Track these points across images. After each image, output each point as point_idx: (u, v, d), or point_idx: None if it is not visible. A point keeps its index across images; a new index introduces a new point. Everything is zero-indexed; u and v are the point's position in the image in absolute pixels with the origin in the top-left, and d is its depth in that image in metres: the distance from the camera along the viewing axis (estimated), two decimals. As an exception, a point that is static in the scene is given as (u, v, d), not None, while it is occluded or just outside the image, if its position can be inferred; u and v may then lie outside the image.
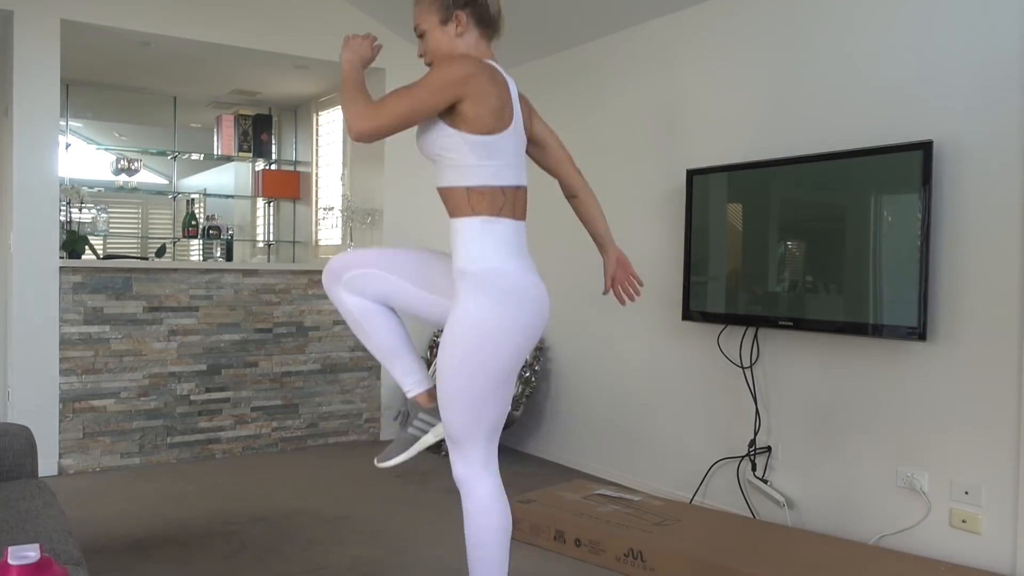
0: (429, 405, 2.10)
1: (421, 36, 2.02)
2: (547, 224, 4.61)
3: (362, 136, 1.82)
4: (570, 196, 2.26)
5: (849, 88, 3.16)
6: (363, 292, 2.06)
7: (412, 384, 2.13)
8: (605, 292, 2.27)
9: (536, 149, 2.20)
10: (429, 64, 2.01)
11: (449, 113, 1.87)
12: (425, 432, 2.10)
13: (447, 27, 1.97)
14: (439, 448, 4.03)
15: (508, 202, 1.92)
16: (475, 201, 1.90)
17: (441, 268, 2.04)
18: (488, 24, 2.00)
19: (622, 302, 2.25)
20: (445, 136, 1.89)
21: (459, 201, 1.92)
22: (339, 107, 5.92)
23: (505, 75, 1.96)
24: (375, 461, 2.14)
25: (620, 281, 2.24)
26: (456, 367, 1.89)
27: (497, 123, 1.88)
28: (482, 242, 1.90)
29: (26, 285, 4.12)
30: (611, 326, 4.22)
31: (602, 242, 2.27)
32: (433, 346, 4.82)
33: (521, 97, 2.04)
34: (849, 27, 3.16)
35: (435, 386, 2.05)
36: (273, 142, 6.45)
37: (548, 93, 4.65)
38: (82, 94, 5.74)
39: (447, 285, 1.99)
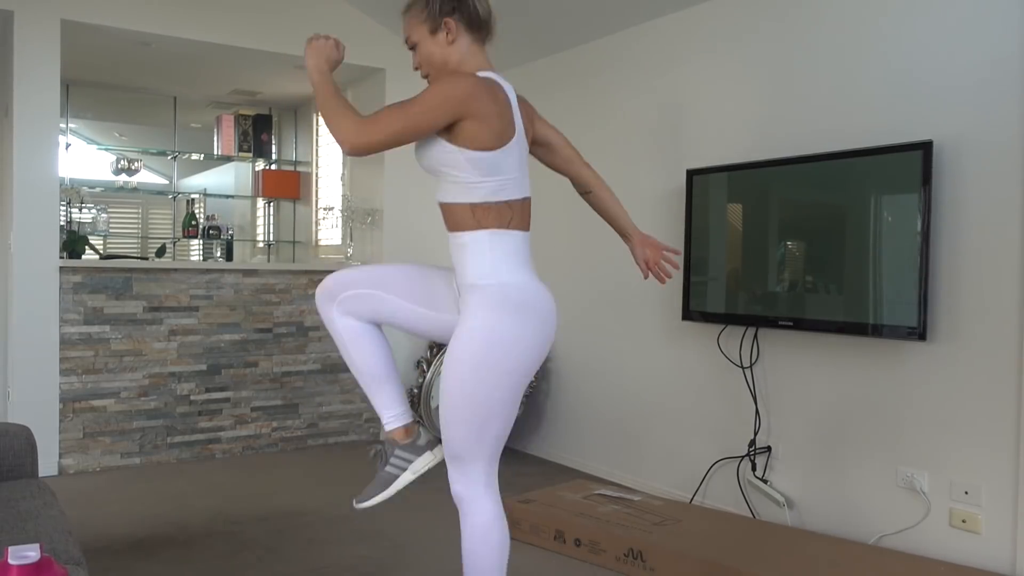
0: (405, 441, 2.04)
1: (413, 48, 1.95)
2: (548, 224, 4.61)
3: (356, 152, 1.77)
4: (584, 192, 2.21)
5: (849, 88, 3.15)
6: (358, 313, 2.01)
7: (391, 417, 2.04)
8: (646, 277, 2.22)
9: (542, 150, 2.16)
10: (426, 76, 1.97)
11: (448, 130, 1.80)
12: (403, 470, 2.03)
13: (437, 36, 1.90)
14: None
15: (515, 215, 1.88)
16: (481, 216, 1.85)
17: (440, 282, 1.98)
18: (479, 27, 1.92)
19: (663, 281, 2.21)
20: (445, 152, 1.83)
21: (463, 216, 1.86)
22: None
23: (504, 84, 1.91)
24: (353, 502, 2.07)
25: (655, 262, 2.18)
26: (463, 381, 1.84)
27: (499, 140, 1.82)
28: (492, 256, 1.85)
29: (26, 285, 4.12)
30: (611, 326, 4.22)
31: (624, 231, 2.21)
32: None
33: (522, 101, 1.99)
34: (849, 27, 3.16)
35: (413, 422, 2.03)
36: (273, 142, 6.45)
37: (548, 93, 4.65)
38: (82, 94, 5.74)
39: (447, 299, 1.94)
